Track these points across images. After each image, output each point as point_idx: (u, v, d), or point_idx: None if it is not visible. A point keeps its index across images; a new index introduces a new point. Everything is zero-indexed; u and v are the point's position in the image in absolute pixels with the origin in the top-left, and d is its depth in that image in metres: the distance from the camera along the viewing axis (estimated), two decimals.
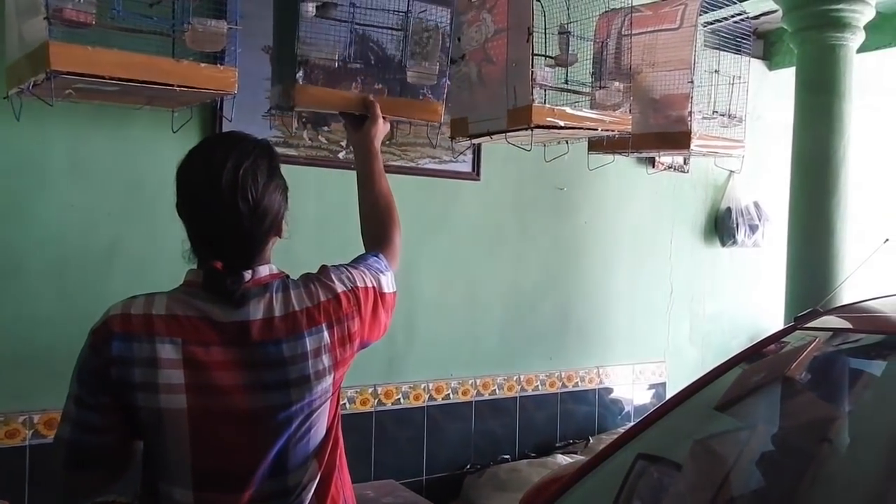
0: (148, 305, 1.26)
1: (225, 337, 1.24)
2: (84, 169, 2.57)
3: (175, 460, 1.24)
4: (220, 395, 1.23)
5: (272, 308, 1.27)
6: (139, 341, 1.22)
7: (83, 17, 1.80)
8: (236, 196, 1.26)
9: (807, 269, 3.48)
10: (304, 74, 2.19)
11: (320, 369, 1.29)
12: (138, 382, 1.22)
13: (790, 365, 2.22)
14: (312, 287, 1.33)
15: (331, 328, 1.31)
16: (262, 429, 1.25)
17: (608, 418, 3.93)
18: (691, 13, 2.62)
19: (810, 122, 3.47)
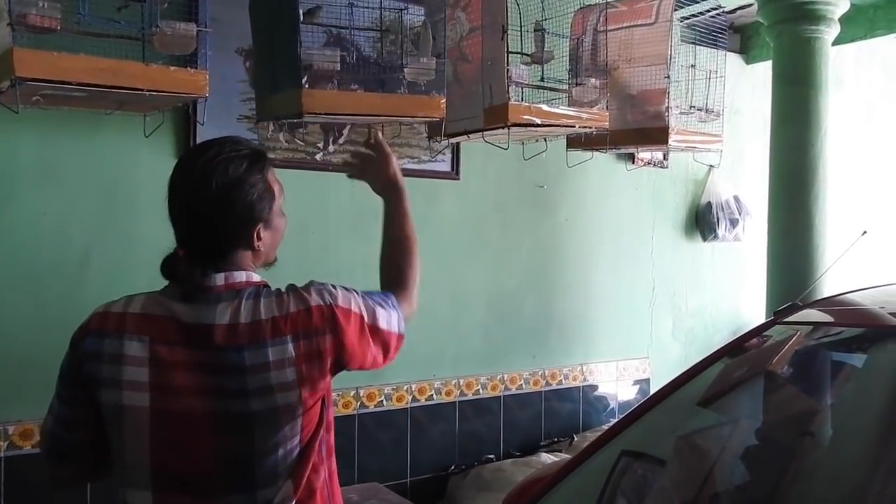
0: (127, 304, 1.28)
1: (189, 338, 1.23)
2: (55, 176, 2.52)
3: (134, 460, 1.23)
4: (180, 396, 1.22)
5: (239, 314, 1.24)
6: (110, 338, 1.24)
7: (48, 23, 1.77)
8: (203, 180, 1.25)
9: (786, 263, 3.49)
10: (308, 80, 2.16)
11: (283, 382, 1.23)
12: (104, 378, 1.23)
13: (772, 359, 2.22)
14: (285, 297, 1.28)
15: (296, 341, 1.24)
16: (221, 435, 1.22)
17: (592, 415, 3.93)
18: (666, 8, 2.62)
19: (788, 115, 3.49)
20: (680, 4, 2.64)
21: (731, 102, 4.40)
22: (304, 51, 2.09)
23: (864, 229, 2.24)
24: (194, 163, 1.28)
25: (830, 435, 2.09)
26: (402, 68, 2.35)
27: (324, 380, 1.28)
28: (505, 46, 2.14)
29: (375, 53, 2.78)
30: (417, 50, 2.61)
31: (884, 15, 3.97)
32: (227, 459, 1.23)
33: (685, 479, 2.09)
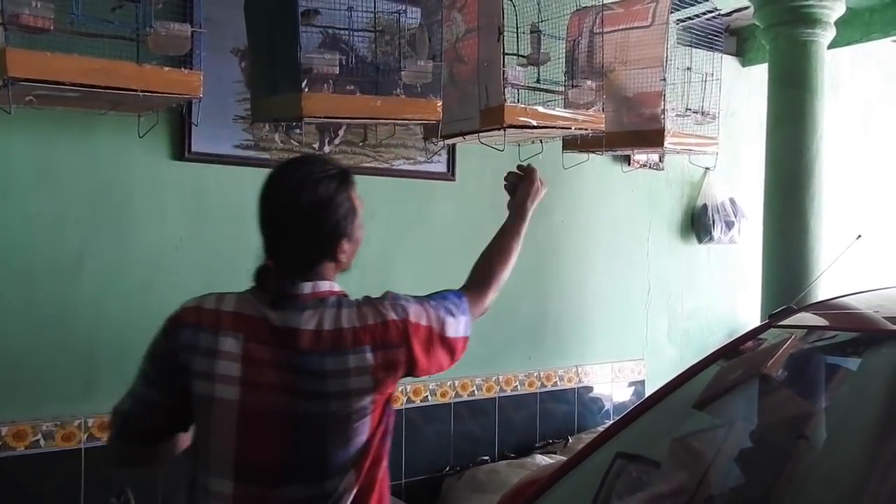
0: (219, 302, 1.38)
1: (278, 339, 1.32)
2: (49, 176, 2.51)
3: (220, 450, 1.33)
4: (267, 391, 1.31)
5: (323, 321, 1.33)
6: (205, 332, 1.33)
7: (41, 23, 1.76)
8: (295, 199, 1.35)
9: (782, 265, 3.49)
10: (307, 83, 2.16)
11: (360, 388, 1.33)
12: (197, 370, 1.33)
13: (766, 362, 2.22)
14: (365, 309, 1.37)
15: (375, 351, 1.34)
16: (297, 432, 1.32)
17: (587, 417, 3.92)
18: (662, 10, 2.62)
19: (783, 118, 3.49)
20: (676, 7, 2.64)
21: (727, 105, 4.40)
22: (304, 54, 2.08)
23: (858, 233, 2.24)
24: (286, 182, 1.38)
25: (825, 438, 2.09)
26: (399, 71, 2.34)
27: (394, 385, 1.40)
28: (501, 48, 2.14)
29: (371, 55, 2.77)
30: (414, 52, 2.61)
31: (879, 18, 3.98)
32: (302, 453, 1.33)
33: (680, 481, 2.09)
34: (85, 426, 2.58)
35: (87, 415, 2.59)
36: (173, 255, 2.74)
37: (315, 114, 2.11)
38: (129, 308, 2.66)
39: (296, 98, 2.08)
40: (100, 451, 2.59)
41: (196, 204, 2.79)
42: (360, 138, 3.12)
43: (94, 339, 2.60)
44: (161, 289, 2.71)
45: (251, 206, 2.84)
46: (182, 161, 2.75)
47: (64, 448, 2.54)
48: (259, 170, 2.91)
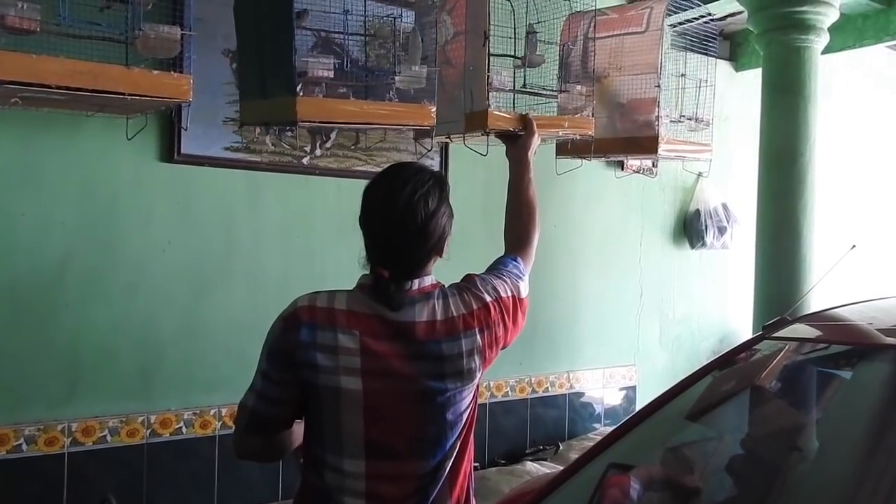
0: (331, 300, 1.46)
1: (394, 333, 1.44)
2: (35, 177, 2.47)
3: (349, 434, 1.44)
4: (390, 378, 1.43)
5: (435, 312, 1.47)
6: (323, 330, 1.42)
7: (27, 24, 1.72)
8: (408, 217, 1.45)
9: (774, 272, 3.48)
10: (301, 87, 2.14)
11: (472, 367, 1.48)
12: (321, 365, 1.42)
13: (759, 374, 2.21)
14: (466, 296, 1.52)
15: (482, 333, 1.50)
16: (424, 408, 1.46)
17: (578, 423, 3.91)
18: (657, 17, 2.59)
19: (777, 123, 3.48)
20: (670, 11, 2.62)
21: (720, 109, 4.38)
22: (299, 58, 2.05)
23: (853, 243, 2.23)
24: (395, 199, 1.46)
25: (817, 450, 2.08)
26: (394, 75, 2.32)
27: (494, 359, 1.55)
28: (486, 52, 2.12)
29: (364, 58, 2.74)
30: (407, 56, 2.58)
31: (872, 24, 3.98)
32: (425, 431, 1.47)
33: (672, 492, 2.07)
34: (69, 430, 2.55)
35: (71, 419, 2.55)
36: (160, 258, 2.71)
37: (309, 118, 2.08)
38: (114, 311, 2.62)
39: (289, 102, 2.05)
40: (84, 455, 2.56)
41: (185, 206, 2.76)
42: (351, 141, 3.08)
43: (77, 342, 2.56)
44: (147, 292, 2.68)
45: (241, 209, 2.86)
46: (171, 163, 2.71)
47: (47, 453, 2.51)
48: (249, 172, 2.93)
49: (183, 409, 2.76)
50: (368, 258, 1.51)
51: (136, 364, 2.68)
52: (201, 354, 2.79)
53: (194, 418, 2.78)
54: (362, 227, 1.51)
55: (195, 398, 2.79)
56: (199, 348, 2.79)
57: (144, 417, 2.68)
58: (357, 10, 2.35)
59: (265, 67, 2.20)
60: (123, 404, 2.65)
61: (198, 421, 2.79)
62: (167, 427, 2.73)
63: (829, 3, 3.37)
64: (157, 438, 2.71)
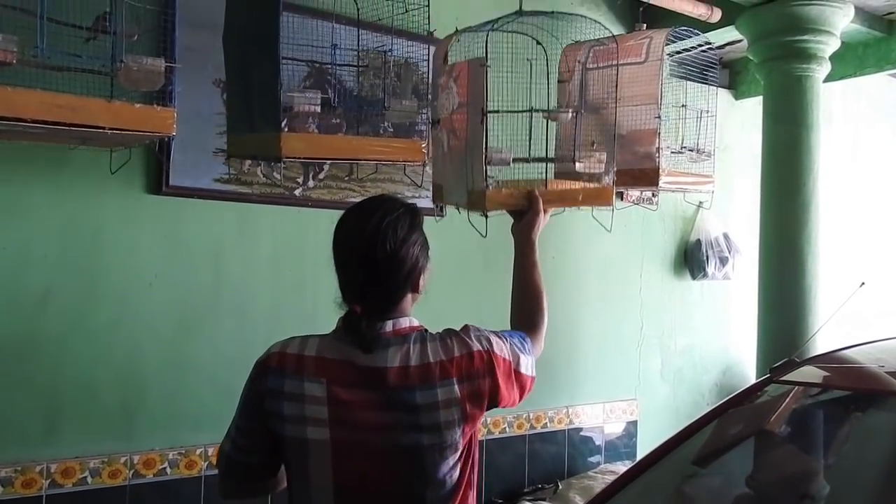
0: (302, 346, 1.42)
1: (364, 380, 1.37)
2: (16, 210, 2.39)
3: (318, 488, 1.38)
4: (358, 430, 1.36)
5: (409, 357, 1.38)
6: (290, 378, 1.38)
7: (2, 56, 1.65)
8: (376, 243, 1.40)
9: (778, 305, 3.40)
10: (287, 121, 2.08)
11: (450, 420, 1.37)
12: (287, 415, 1.37)
13: (768, 418, 2.13)
14: (449, 342, 1.43)
15: (461, 383, 1.38)
16: (396, 464, 1.37)
17: (578, 459, 3.80)
18: (657, 47, 2.53)
19: (778, 153, 3.42)
20: (669, 40, 2.57)
21: (720, 138, 4.33)
22: (285, 93, 1.99)
23: (862, 280, 2.16)
24: (363, 228, 1.42)
25: (827, 497, 2.01)
26: (384, 108, 2.25)
27: (481, 416, 1.43)
28: (484, 130, 2.00)
29: (359, 88, 2.69)
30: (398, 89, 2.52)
31: (873, 53, 3.94)
32: (404, 483, 1.38)
33: None
34: (47, 472, 2.45)
35: (50, 459, 2.45)
36: (147, 292, 2.63)
37: (294, 154, 2.02)
38: (97, 347, 2.54)
39: (275, 137, 1.98)
40: (63, 498, 2.46)
41: (172, 239, 2.68)
42: (345, 173, 3.02)
43: (57, 379, 2.47)
44: (131, 327, 2.60)
45: (230, 242, 2.79)
46: (159, 195, 2.64)
47: (24, 495, 2.40)
48: (240, 204, 2.86)
49: (168, 449, 2.66)
50: (343, 296, 1.46)
51: (118, 402, 2.59)
52: (187, 391, 2.70)
53: (179, 458, 2.68)
54: (334, 262, 1.46)
55: (181, 437, 2.69)
56: (185, 385, 2.70)
57: (127, 458, 2.59)
58: (347, 42, 2.29)
59: (252, 100, 2.13)
60: (105, 444, 2.56)
61: (183, 461, 2.69)
62: (151, 467, 2.63)
63: (831, 31, 3.33)
64: (141, 479, 2.61)
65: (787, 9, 3.26)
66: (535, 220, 1.89)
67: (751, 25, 3.42)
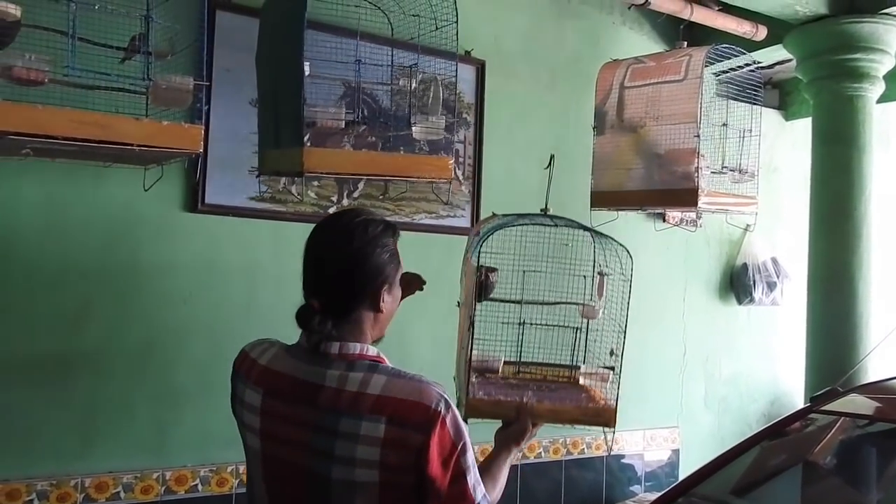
0: (262, 353, 1.43)
1: (298, 394, 1.32)
2: (56, 227, 2.44)
3: (258, 496, 1.39)
4: (282, 445, 1.33)
5: (346, 382, 1.30)
6: (241, 383, 1.42)
7: (34, 76, 1.69)
8: (343, 238, 1.38)
9: (828, 333, 3.26)
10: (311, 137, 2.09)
11: (365, 459, 1.25)
12: (240, 418, 1.42)
13: (811, 449, 2.03)
14: (402, 382, 1.30)
15: (389, 424, 1.25)
16: (308, 489, 1.30)
17: (616, 488, 3.69)
18: (696, 65, 2.48)
19: (829, 175, 3.29)
20: (713, 59, 2.50)
21: (770, 160, 4.22)
22: (308, 108, 1.99)
23: None
24: (335, 224, 1.43)
25: None
26: (411, 125, 2.24)
27: (405, 478, 1.25)
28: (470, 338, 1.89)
29: (394, 107, 2.69)
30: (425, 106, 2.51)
31: None
32: None
33: None
34: (82, 486, 2.47)
35: (84, 474, 2.48)
36: (181, 310, 2.65)
37: (316, 169, 2.02)
38: (131, 364, 2.56)
39: (297, 152, 1.99)
40: None
41: (207, 257, 2.71)
42: (380, 191, 3.01)
43: (93, 395, 2.50)
44: (166, 344, 2.62)
45: (264, 259, 2.80)
46: (195, 213, 2.67)
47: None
48: (274, 223, 2.87)
49: (199, 466, 2.67)
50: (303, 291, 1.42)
51: (152, 418, 2.60)
52: (219, 409, 2.67)
53: (211, 475, 2.68)
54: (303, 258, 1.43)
55: (212, 454, 2.69)
56: (217, 403, 2.68)
57: (160, 473, 2.60)
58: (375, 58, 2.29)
59: (278, 117, 2.15)
60: (138, 460, 2.57)
61: (214, 478, 2.69)
62: (182, 484, 2.64)
63: (885, 50, 3.20)
64: (172, 496, 2.61)
65: (838, 26, 3.16)
66: (523, 434, 1.71)
67: (799, 44, 3.32)
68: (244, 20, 2.66)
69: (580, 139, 3.43)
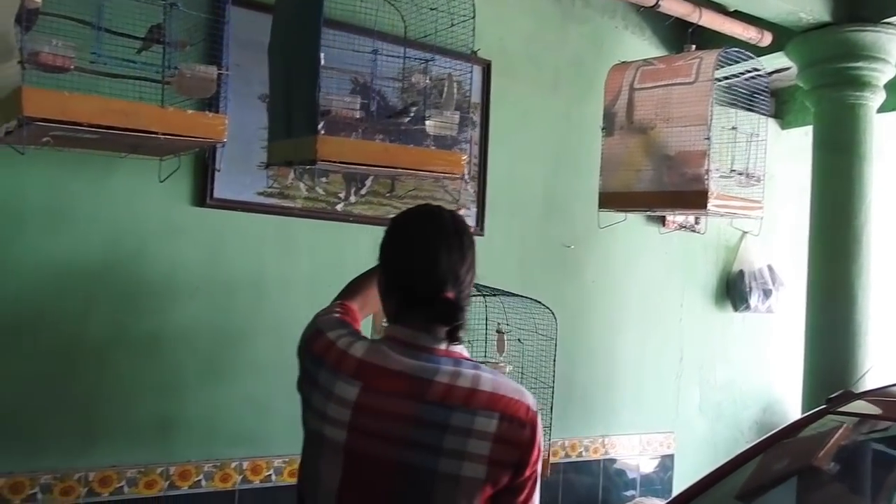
0: (348, 343, 1.35)
1: (404, 389, 1.28)
2: (62, 220, 2.41)
3: (327, 487, 1.31)
4: (371, 438, 1.28)
5: (458, 377, 1.29)
6: (326, 371, 1.33)
7: (60, 62, 1.67)
8: (457, 234, 1.36)
9: (826, 341, 3.28)
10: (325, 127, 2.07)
11: (475, 453, 1.25)
12: (313, 405, 1.34)
13: (816, 453, 2.04)
14: (502, 381, 1.32)
15: (502, 421, 1.27)
16: (403, 485, 1.27)
17: (612, 492, 3.70)
18: (707, 67, 2.50)
19: (829, 184, 3.33)
20: (722, 63, 2.52)
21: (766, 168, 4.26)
22: (323, 95, 1.99)
23: None
24: (440, 219, 1.38)
25: None
26: (425, 119, 2.24)
27: (505, 478, 1.27)
28: None
29: (402, 103, 2.69)
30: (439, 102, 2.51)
31: None
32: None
33: None
34: (85, 480, 2.44)
35: (88, 468, 2.45)
36: (187, 304, 2.63)
37: (329, 158, 2.00)
38: (136, 358, 2.54)
39: (310, 140, 1.98)
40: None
41: (214, 252, 2.69)
42: (387, 188, 3.01)
43: (97, 389, 2.47)
44: (171, 339, 2.60)
45: (272, 256, 2.79)
46: (203, 207, 2.65)
47: (63, 503, 2.40)
48: (282, 218, 2.86)
49: (203, 461, 2.65)
50: (395, 304, 1.38)
51: (156, 413, 2.58)
52: (224, 405, 2.69)
53: (214, 471, 2.66)
54: (390, 258, 1.39)
55: (216, 450, 2.67)
56: (222, 399, 2.69)
57: (164, 468, 2.57)
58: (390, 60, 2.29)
59: (291, 107, 2.14)
60: (142, 454, 2.55)
61: (218, 474, 2.67)
62: (186, 479, 2.62)
63: (886, 59, 3.25)
64: (176, 491, 2.59)
65: (841, 35, 3.20)
66: None
67: (801, 51, 3.36)
68: (255, 15, 2.64)
69: (583, 142, 3.46)
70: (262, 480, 2.75)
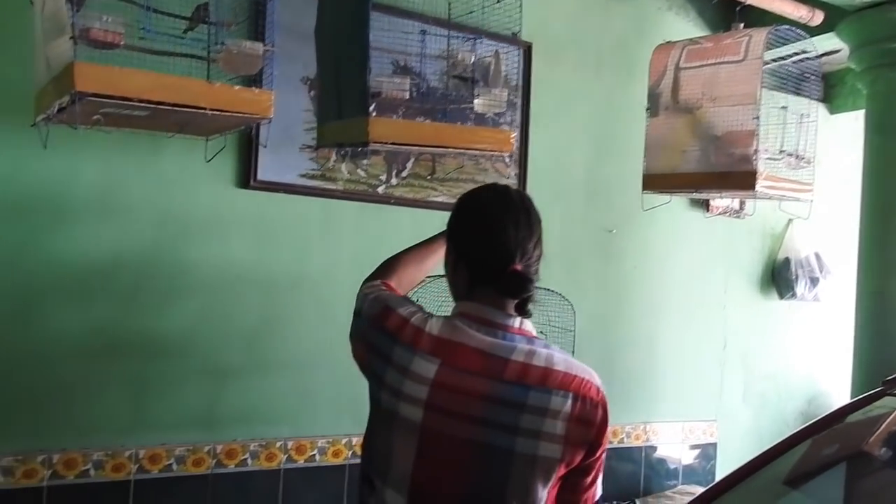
0: (421, 320, 1.34)
1: (480, 367, 1.29)
2: (112, 200, 2.46)
3: (400, 466, 1.30)
4: (447, 416, 1.27)
5: (534, 356, 1.30)
6: (401, 348, 1.31)
7: (111, 38, 1.70)
8: (525, 210, 1.38)
9: (877, 332, 3.18)
10: (375, 108, 2.08)
11: (551, 432, 1.27)
12: (387, 382, 1.32)
13: (867, 438, 1.98)
14: (573, 361, 1.34)
15: (576, 401, 1.29)
16: (482, 464, 1.27)
17: (654, 479, 3.66)
18: (757, 45, 2.44)
19: (883, 168, 3.22)
20: (772, 44, 2.45)
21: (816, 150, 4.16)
22: (374, 77, 1.99)
23: None
24: (510, 197, 1.40)
25: None
26: (473, 99, 2.23)
27: (577, 459, 1.30)
28: None
29: (443, 85, 2.68)
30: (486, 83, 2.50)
31: None
32: (480, 487, 1.28)
33: None
34: (136, 457, 2.49)
35: (138, 446, 2.50)
36: (233, 285, 2.66)
37: (381, 139, 2.01)
38: (182, 339, 2.58)
39: (362, 122, 1.98)
40: (150, 483, 2.51)
41: (258, 234, 2.71)
42: (427, 171, 3.01)
43: (146, 368, 2.52)
44: (217, 320, 2.63)
45: (314, 238, 2.80)
46: (247, 189, 2.67)
47: (113, 479, 2.46)
48: (324, 200, 2.87)
49: (249, 441, 2.68)
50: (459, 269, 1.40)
51: (203, 393, 2.62)
52: (269, 385, 2.72)
53: (260, 450, 2.69)
54: (459, 233, 1.41)
55: (261, 430, 2.71)
56: (266, 379, 2.72)
57: (211, 447, 2.61)
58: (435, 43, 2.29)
59: (341, 89, 2.15)
60: (190, 433, 2.59)
61: (263, 453, 2.70)
62: (233, 458, 2.65)
63: None
64: (223, 469, 2.63)
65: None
66: None
67: (854, 31, 3.26)
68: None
69: (626, 125, 3.41)
70: (306, 460, 2.78)
